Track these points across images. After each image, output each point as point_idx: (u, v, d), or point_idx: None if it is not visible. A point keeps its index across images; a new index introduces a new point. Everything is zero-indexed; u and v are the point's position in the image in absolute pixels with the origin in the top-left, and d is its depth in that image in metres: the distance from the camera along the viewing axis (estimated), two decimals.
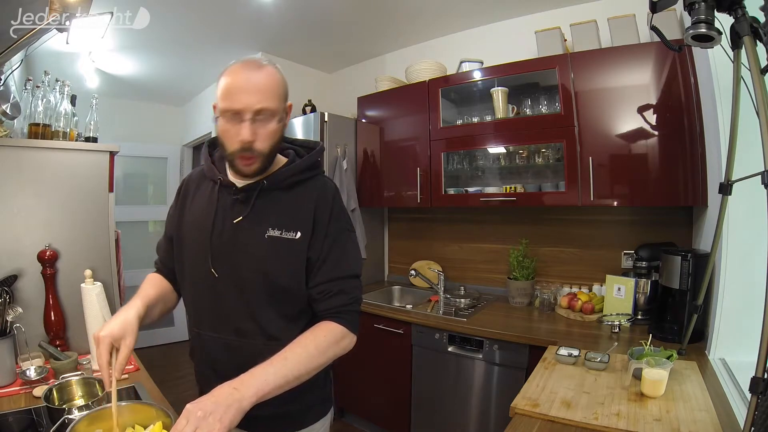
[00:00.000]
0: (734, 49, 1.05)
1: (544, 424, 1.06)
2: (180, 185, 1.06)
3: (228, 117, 0.83)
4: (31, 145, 1.53)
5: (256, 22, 2.53)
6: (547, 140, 2.12)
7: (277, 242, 0.89)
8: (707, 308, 1.50)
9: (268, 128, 0.85)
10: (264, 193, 0.91)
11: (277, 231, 0.89)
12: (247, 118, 0.82)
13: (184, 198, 1.02)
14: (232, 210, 0.91)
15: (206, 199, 0.96)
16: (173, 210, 1.04)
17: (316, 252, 0.90)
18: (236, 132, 0.83)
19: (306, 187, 0.94)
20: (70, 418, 0.88)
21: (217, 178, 0.94)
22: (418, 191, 2.49)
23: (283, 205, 0.92)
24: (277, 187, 0.92)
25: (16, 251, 1.47)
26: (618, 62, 1.85)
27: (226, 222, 0.91)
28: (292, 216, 0.90)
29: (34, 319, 1.46)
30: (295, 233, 0.89)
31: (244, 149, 0.84)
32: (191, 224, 0.97)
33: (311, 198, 0.92)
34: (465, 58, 2.44)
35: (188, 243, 0.97)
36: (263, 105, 0.82)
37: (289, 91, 0.90)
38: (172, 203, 1.07)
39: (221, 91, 0.84)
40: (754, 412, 0.83)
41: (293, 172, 0.93)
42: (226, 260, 0.90)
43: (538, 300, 2.23)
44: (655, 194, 1.83)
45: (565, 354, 1.44)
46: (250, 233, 0.90)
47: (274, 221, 0.90)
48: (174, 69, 3.32)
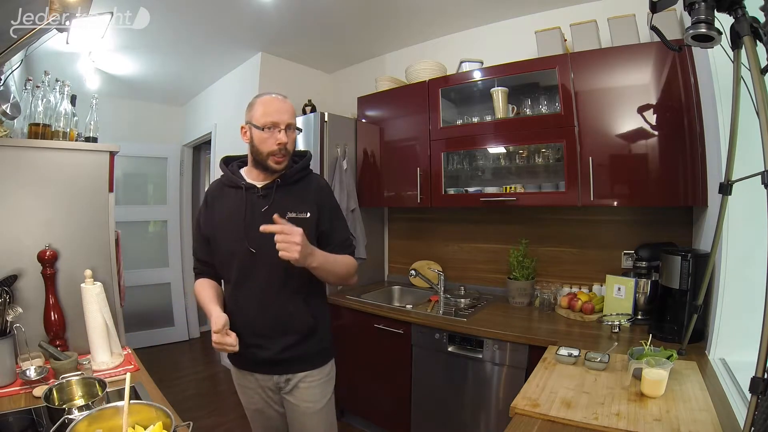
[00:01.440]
0: (734, 49, 1.05)
1: (544, 424, 1.06)
2: (204, 197, 1.39)
3: (268, 128, 1.22)
4: (31, 145, 1.54)
5: (256, 22, 2.53)
6: (547, 140, 2.12)
7: (295, 221, 1.18)
8: (707, 308, 1.50)
9: (292, 137, 1.27)
10: (279, 188, 1.27)
11: (293, 213, 1.25)
12: (283, 128, 1.22)
13: (212, 205, 1.34)
14: (258, 203, 1.26)
15: (233, 201, 1.29)
16: (204, 216, 1.35)
17: (326, 225, 1.31)
18: (274, 139, 1.22)
19: (305, 181, 1.34)
20: (70, 418, 0.88)
21: (241, 184, 1.28)
22: (418, 191, 2.49)
23: (294, 195, 1.29)
24: (287, 183, 1.29)
25: (16, 251, 1.47)
26: (618, 62, 1.85)
27: (255, 212, 1.25)
28: (301, 202, 1.28)
29: (34, 319, 1.46)
30: (306, 213, 1.27)
31: (281, 149, 1.22)
32: (224, 220, 1.29)
33: (312, 189, 1.32)
34: (465, 58, 2.44)
35: (225, 233, 1.28)
36: (291, 121, 1.26)
37: (289, 91, 1.27)
38: (199, 214, 1.39)
39: (261, 111, 1.23)
40: (754, 412, 0.83)
41: (297, 170, 1.32)
42: (259, 240, 1.17)
43: (538, 300, 2.23)
44: (655, 194, 1.83)
45: (565, 354, 1.44)
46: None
47: (290, 206, 1.26)
48: (174, 69, 3.32)
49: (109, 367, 1.43)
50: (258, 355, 1.27)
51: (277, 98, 1.26)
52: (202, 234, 1.35)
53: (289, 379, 1.30)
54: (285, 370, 1.29)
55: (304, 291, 1.28)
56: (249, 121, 1.26)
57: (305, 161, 1.36)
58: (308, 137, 2.65)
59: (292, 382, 1.30)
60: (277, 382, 1.31)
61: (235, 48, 2.96)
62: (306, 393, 1.31)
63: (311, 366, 1.32)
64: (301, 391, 1.31)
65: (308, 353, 1.30)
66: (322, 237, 1.30)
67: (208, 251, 1.35)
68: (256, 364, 1.30)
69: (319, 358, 1.34)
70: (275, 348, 1.26)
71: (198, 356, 4.04)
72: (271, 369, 1.29)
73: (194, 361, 3.90)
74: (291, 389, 1.31)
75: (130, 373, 0.86)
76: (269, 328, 1.25)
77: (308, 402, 1.31)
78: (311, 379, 1.31)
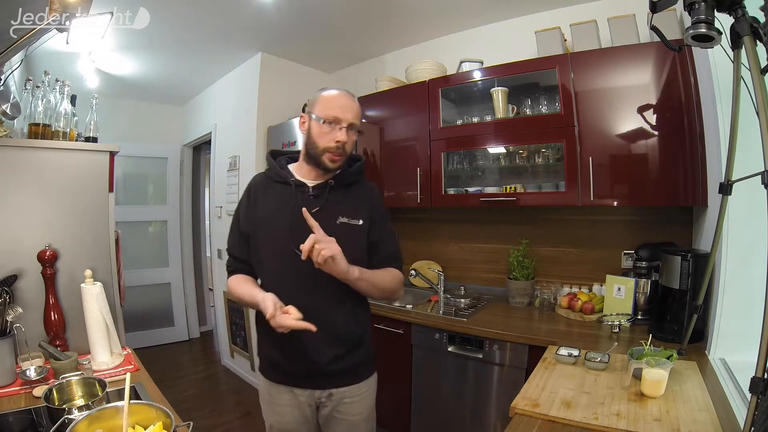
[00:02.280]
0: (734, 49, 1.05)
1: (544, 424, 1.06)
2: (247, 190, 1.28)
3: (328, 122, 1.13)
4: (31, 145, 1.54)
5: (256, 22, 2.53)
6: (547, 140, 2.11)
7: (346, 227, 1.17)
8: (707, 308, 1.50)
9: (352, 138, 1.18)
10: (332, 190, 1.20)
11: (345, 218, 1.18)
12: (344, 126, 1.14)
13: (255, 199, 1.25)
14: (308, 203, 1.16)
15: (280, 197, 1.21)
16: (245, 211, 1.25)
17: (376, 236, 1.23)
18: (333, 135, 1.13)
19: (359, 186, 1.26)
20: (70, 418, 0.88)
21: (291, 180, 1.21)
22: (418, 191, 2.49)
23: (347, 200, 1.21)
24: (340, 186, 1.21)
25: (16, 251, 1.47)
26: (618, 62, 1.85)
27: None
28: (354, 208, 1.21)
29: (34, 319, 1.46)
30: (358, 220, 1.20)
31: (338, 147, 1.14)
32: (268, 218, 1.20)
33: (366, 196, 1.25)
34: (465, 58, 2.44)
35: (268, 232, 1.19)
36: (355, 121, 1.17)
37: (289, 91, 1.18)
38: (238, 207, 1.28)
39: (324, 104, 1.15)
40: (754, 412, 0.83)
41: (351, 174, 1.24)
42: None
43: (538, 300, 2.23)
44: (655, 194, 1.83)
45: (565, 354, 1.44)
46: (325, 220, 1.12)
47: (342, 211, 1.19)
48: (174, 69, 3.32)
49: (109, 367, 1.43)
50: (300, 368, 1.17)
51: (344, 94, 1.18)
52: (242, 230, 1.25)
53: (331, 394, 1.21)
54: (329, 384, 1.19)
55: (351, 299, 1.19)
56: (309, 111, 1.18)
57: (360, 165, 1.27)
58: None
59: (334, 398, 1.21)
60: (319, 398, 1.21)
61: (235, 48, 2.95)
62: (351, 407, 1.23)
63: (356, 379, 1.24)
64: (347, 406, 1.23)
65: (354, 365, 1.22)
66: (371, 247, 1.23)
67: (246, 249, 1.25)
68: (296, 377, 1.19)
69: (364, 370, 1.27)
70: (321, 360, 1.16)
71: (198, 356, 4.04)
72: (313, 383, 1.19)
73: (194, 361, 3.90)
74: (333, 405, 1.22)
75: (130, 373, 0.86)
76: (314, 338, 1.09)
77: (354, 415, 1.24)
78: (355, 393, 1.23)
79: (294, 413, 1.22)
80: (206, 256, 4.72)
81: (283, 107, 3.12)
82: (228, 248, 1.30)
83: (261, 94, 3.04)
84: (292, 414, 1.22)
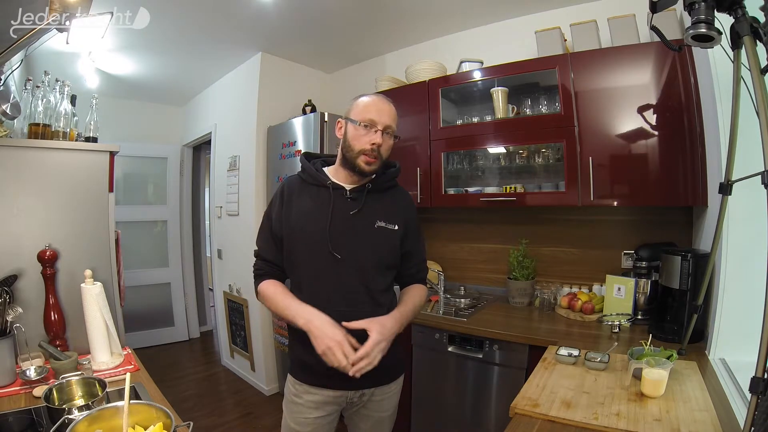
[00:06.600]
0: (734, 49, 1.05)
1: (544, 424, 1.06)
2: (280, 192, 1.26)
3: (364, 125, 1.15)
4: (31, 145, 1.54)
5: (256, 22, 2.53)
6: (547, 140, 2.11)
7: (383, 231, 1.19)
8: (707, 308, 1.50)
9: (389, 142, 1.20)
10: (369, 194, 1.21)
11: (382, 222, 1.20)
12: (380, 129, 1.15)
13: (289, 201, 1.23)
14: (346, 206, 1.19)
15: (316, 200, 1.21)
16: (278, 213, 1.23)
17: (409, 245, 1.27)
18: (369, 138, 1.15)
19: (395, 192, 1.29)
20: (70, 418, 0.88)
21: (328, 183, 1.21)
22: (418, 191, 2.49)
23: (384, 204, 1.23)
24: (377, 190, 1.23)
25: (16, 251, 1.47)
26: (618, 62, 1.85)
27: (343, 215, 1.18)
28: (391, 213, 1.23)
29: (34, 319, 1.46)
30: (395, 225, 1.22)
31: (373, 150, 1.15)
32: (303, 220, 1.20)
33: (401, 203, 1.28)
34: (465, 58, 2.44)
35: (304, 235, 1.18)
36: (391, 124, 1.18)
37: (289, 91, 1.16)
38: (270, 209, 1.27)
39: (360, 107, 1.18)
40: (754, 412, 0.83)
41: (388, 179, 1.27)
42: (345, 245, 1.16)
43: (538, 300, 2.23)
44: (655, 194, 1.83)
45: (565, 354, 1.44)
46: (363, 223, 1.18)
47: (380, 215, 1.20)
48: (174, 69, 3.32)
49: (109, 367, 1.43)
50: (335, 370, 1.11)
51: (381, 99, 1.20)
52: (274, 233, 1.23)
53: (363, 393, 1.23)
54: (361, 384, 1.17)
55: (387, 301, 1.22)
56: (346, 116, 1.20)
57: (396, 171, 1.30)
58: (308, 137, 2.65)
59: (366, 397, 1.24)
60: (351, 398, 1.22)
61: (235, 48, 2.96)
62: (380, 405, 1.27)
63: (388, 379, 1.26)
64: (375, 403, 1.26)
65: (387, 365, 1.18)
66: (404, 256, 1.26)
67: (276, 251, 1.24)
68: (330, 379, 1.16)
69: (395, 370, 1.30)
70: None
71: (198, 356, 4.04)
72: (348, 384, 1.16)
73: (194, 361, 3.90)
74: (363, 403, 1.25)
75: (130, 373, 0.86)
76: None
77: (381, 412, 1.28)
78: (385, 391, 1.26)
79: (321, 413, 1.21)
80: (206, 256, 4.72)
81: (283, 107, 3.12)
82: (257, 250, 1.28)
83: (261, 94, 3.04)
84: (319, 413, 1.21)
